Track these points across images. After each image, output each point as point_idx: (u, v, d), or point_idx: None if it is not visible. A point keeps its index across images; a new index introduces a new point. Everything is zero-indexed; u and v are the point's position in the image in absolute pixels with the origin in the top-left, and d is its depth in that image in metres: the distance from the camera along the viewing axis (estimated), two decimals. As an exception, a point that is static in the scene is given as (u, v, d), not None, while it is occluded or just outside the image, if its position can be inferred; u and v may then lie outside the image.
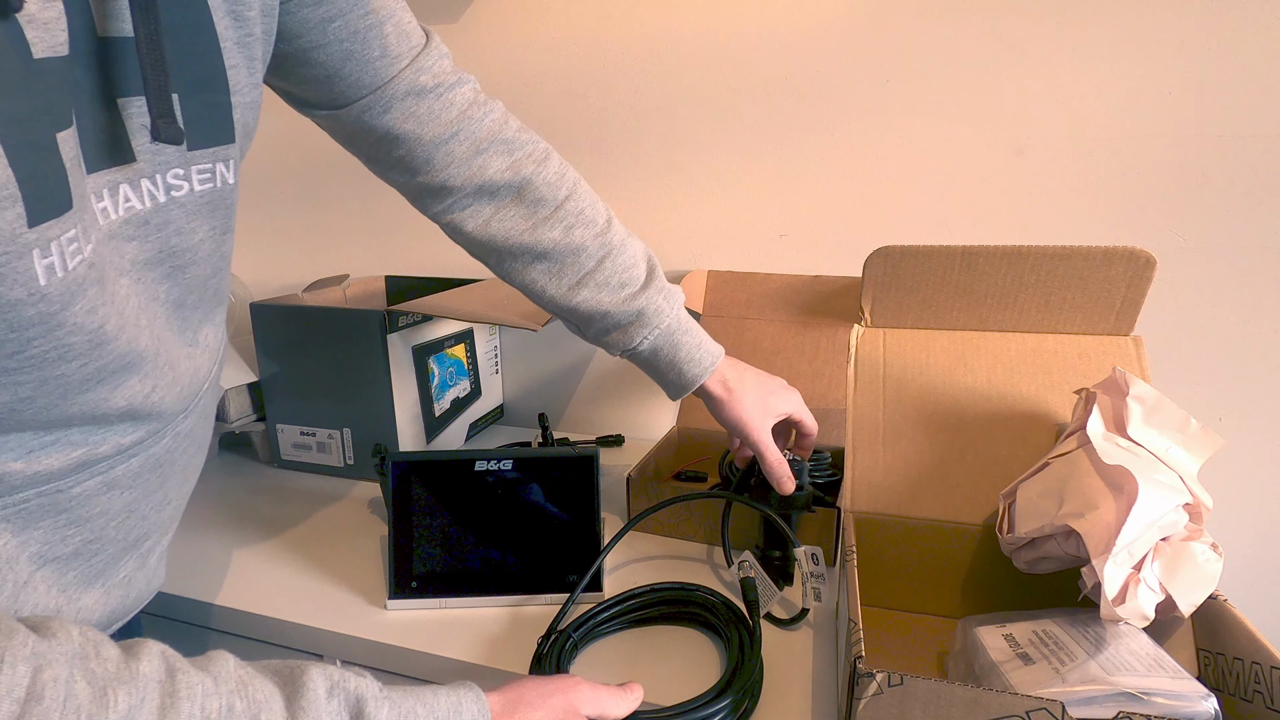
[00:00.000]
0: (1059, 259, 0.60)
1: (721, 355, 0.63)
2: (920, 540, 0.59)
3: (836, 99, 0.88)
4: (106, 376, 0.36)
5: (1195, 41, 0.75)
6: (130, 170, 0.35)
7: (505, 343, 1.12)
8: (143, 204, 0.36)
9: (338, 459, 0.89)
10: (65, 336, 0.32)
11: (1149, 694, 0.39)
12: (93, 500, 0.39)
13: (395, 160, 0.56)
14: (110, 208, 0.35)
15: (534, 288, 0.60)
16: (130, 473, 0.41)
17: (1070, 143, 0.82)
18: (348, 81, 0.51)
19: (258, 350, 0.88)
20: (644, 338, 0.60)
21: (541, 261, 0.59)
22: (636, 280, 0.60)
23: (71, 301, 0.32)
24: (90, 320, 0.33)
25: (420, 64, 0.53)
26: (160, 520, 0.47)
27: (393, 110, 0.53)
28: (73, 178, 0.31)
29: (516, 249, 0.58)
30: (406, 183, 0.58)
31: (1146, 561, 0.44)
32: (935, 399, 0.62)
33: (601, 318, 0.60)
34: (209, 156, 0.39)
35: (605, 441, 1.00)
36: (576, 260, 0.58)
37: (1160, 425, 0.51)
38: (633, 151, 0.97)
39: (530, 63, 0.98)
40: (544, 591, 0.62)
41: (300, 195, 1.15)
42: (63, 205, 0.30)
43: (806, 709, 0.50)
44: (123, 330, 0.36)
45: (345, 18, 0.48)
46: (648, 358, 0.62)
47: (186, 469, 0.48)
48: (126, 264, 0.37)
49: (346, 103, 0.52)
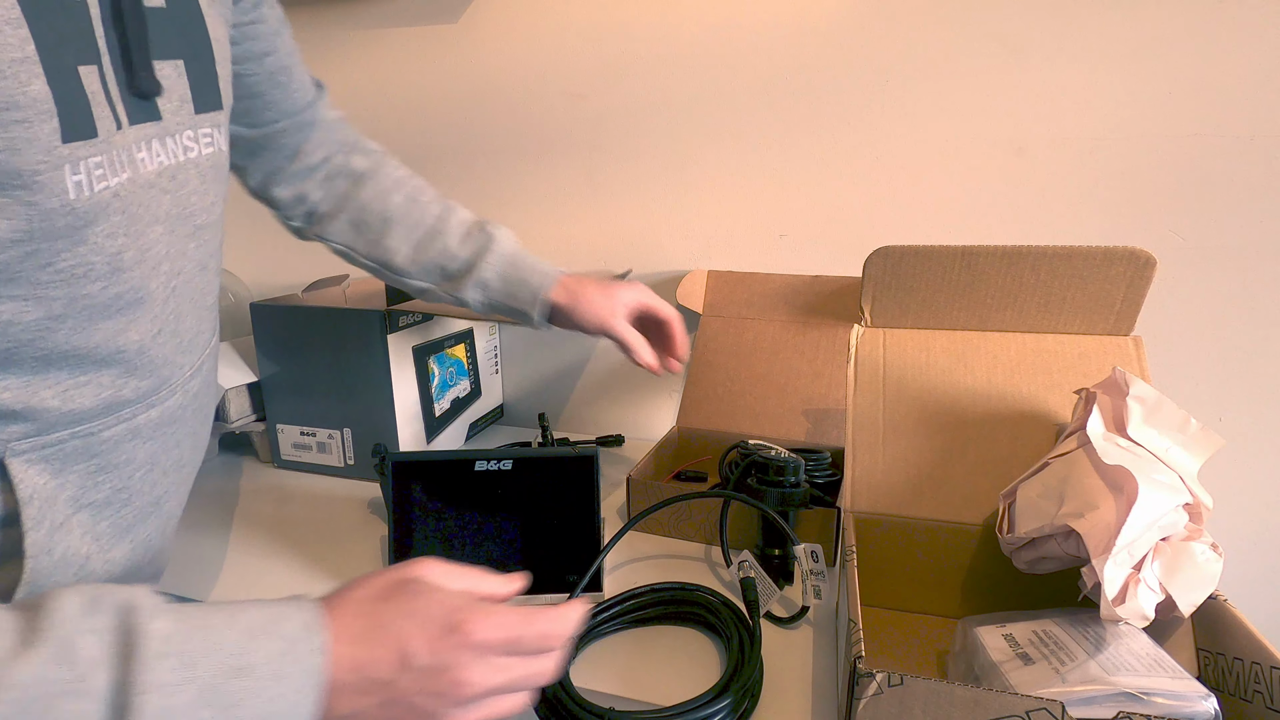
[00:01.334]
0: (1059, 259, 0.60)
1: (560, 270, 0.70)
2: (920, 540, 0.59)
3: (836, 99, 0.88)
4: (123, 307, 0.39)
5: (1195, 41, 0.75)
6: (158, 127, 0.40)
7: (505, 343, 1.12)
8: (170, 159, 0.41)
9: (338, 459, 0.89)
10: (88, 254, 0.36)
11: (1149, 694, 0.39)
12: (120, 447, 0.42)
13: (290, 174, 0.67)
14: (147, 158, 0.39)
15: (392, 254, 0.68)
16: (151, 422, 0.43)
17: (1070, 143, 0.82)
18: (270, 105, 0.61)
19: (258, 350, 0.88)
20: (489, 265, 0.67)
21: (393, 225, 0.67)
22: (471, 224, 0.69)
23: (94, 220, 0.35)
24: (110, 244, 0.37)
25: (322, 100, 0.66)
26: (177, 481, 0.49)
27: (301, 132, 0.65)
28: (96, 110, 0.34)
29: (371, 217, 0.68)
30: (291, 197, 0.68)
31: (1146, 561, 0.44)
32: (935, 399, 0.62)
33: (450, 259, 0.67)
34: (208, 121, 0.44)
35: (605, 441, 1.00)
36: (421, 216, 0.68)
37: (1160, 425, 0.51)
38: (633, 151, 0.97)
39: (530, 63, 0.98)
40: (544, 591, 0.62)
41: (300, 195, 1.15)
42: (88, 131, 0.34)
43: (806, 709, 0.50)
44: (139, 264, 0.39)
45: (276, 54, 0.59)
46: (499, 286, 0.67)
47: (196, 435, 0.50)
48: (162, 214, 0.41)
49: (265, 123, 0.61)
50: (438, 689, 0.33)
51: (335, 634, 0.33)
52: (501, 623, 0.35)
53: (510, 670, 0.35)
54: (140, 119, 0.38)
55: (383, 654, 0.33)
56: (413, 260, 0.67)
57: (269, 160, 0.65)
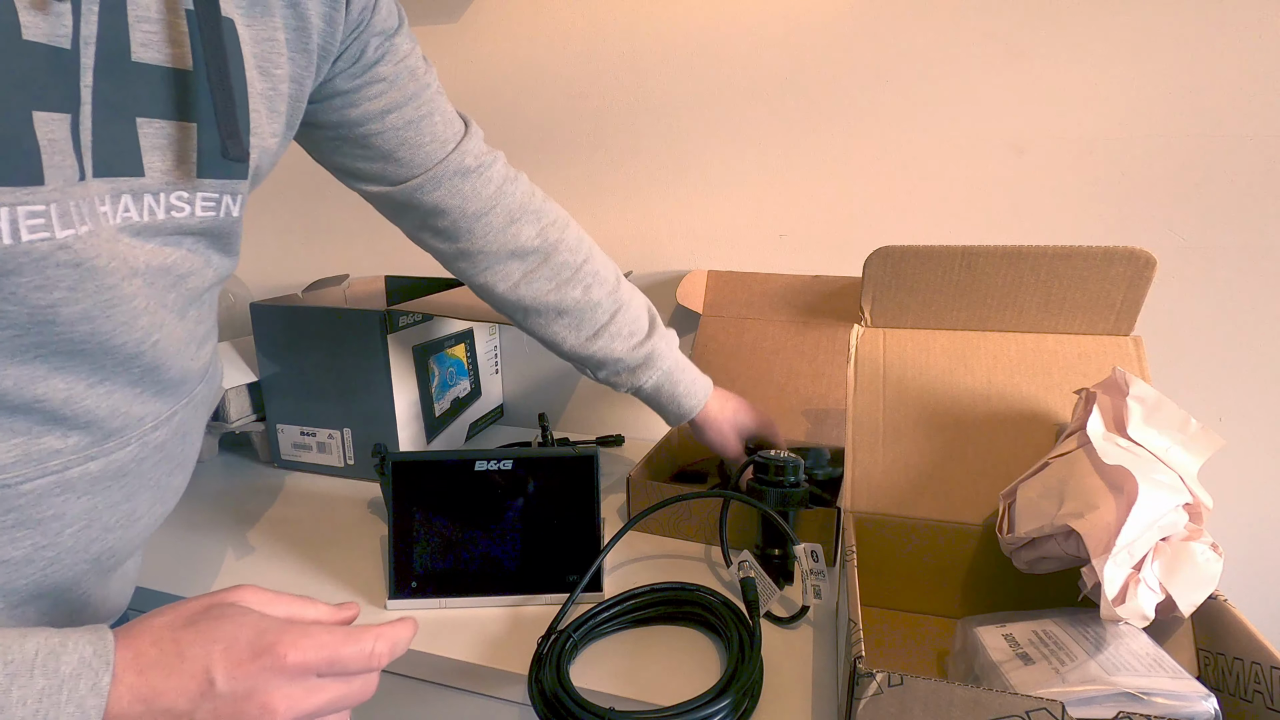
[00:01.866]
0: (1059, 259, 0.60)
1: (710, 388, 0.74)
2: (920, 540, 0.59)
3: (837, 99, 0.88)
4: (46, 355, 0.36)
5: (1195, 41, 0.75)
6: (135, 183, 0.37)
7: (505, 343, 1.12)
8: (140, 217, 0.38)
9: (338, 459, 0.89)
10: (1, 303, 0.33)
11: (1149, 694, 0.39)
12: (44, 501, 0.38)
13: (439, 230, 0.64)
14: (110, 213, 0.37)
15: (555, 339, 0.69)
16: (89, 477, 0.40)
17: (1070, 143, 0.82)
18: (402, 163, 0.59)
19: (258, 350, 0.88)
20: (648, 378, 0.70)
21: (564, 317, 0.68)
22: (642, 330, 0.70)
23: (17, 272, 0.32)
24: (39, 296, 0.34)
25: (464, 148, 0.61)
26: (127, 538, 0.44)
27: (441, 188, 0.61)
28: (49, 158, 0.32)
29: (542, 307, 0.67)
30: (446, 249, 0.65)
31: (1146, 561, 0.44)
32: (935, 399, 0.62)
33: (614, 363, 0.69)
34: (217, 187, 0.42)
35: (605, 441, 1.00)
36: (594, 315, 0.68)
37: (1160, 425, 0.51)
38: (633, 151, 0.97)
39: (530, 63, 0.98)
40: (544, 591, 0.62)
41: (300, 195, 1.15)
42: (30, 178, 0.31)
43: (806, 709, 0.50)
44: (104, 317, 0.36)
45: (401, 109, 0.56)
46: (650, 394, 0.72)
47: (161, 488, 0.46)
48: (140, 267, 0.39)
49: (400, 181, 0.60)
50: (243, 716, 0.31)
51: (125, 664, 0.31)
52: (319, 642, 0.33)
53: (326, 691, 0.34)
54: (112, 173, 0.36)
55: (179, 682, 0.31)
56: (575, 351, 0.69)
57: (414, 217, 0.63)
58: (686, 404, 0.72)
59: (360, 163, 0.59)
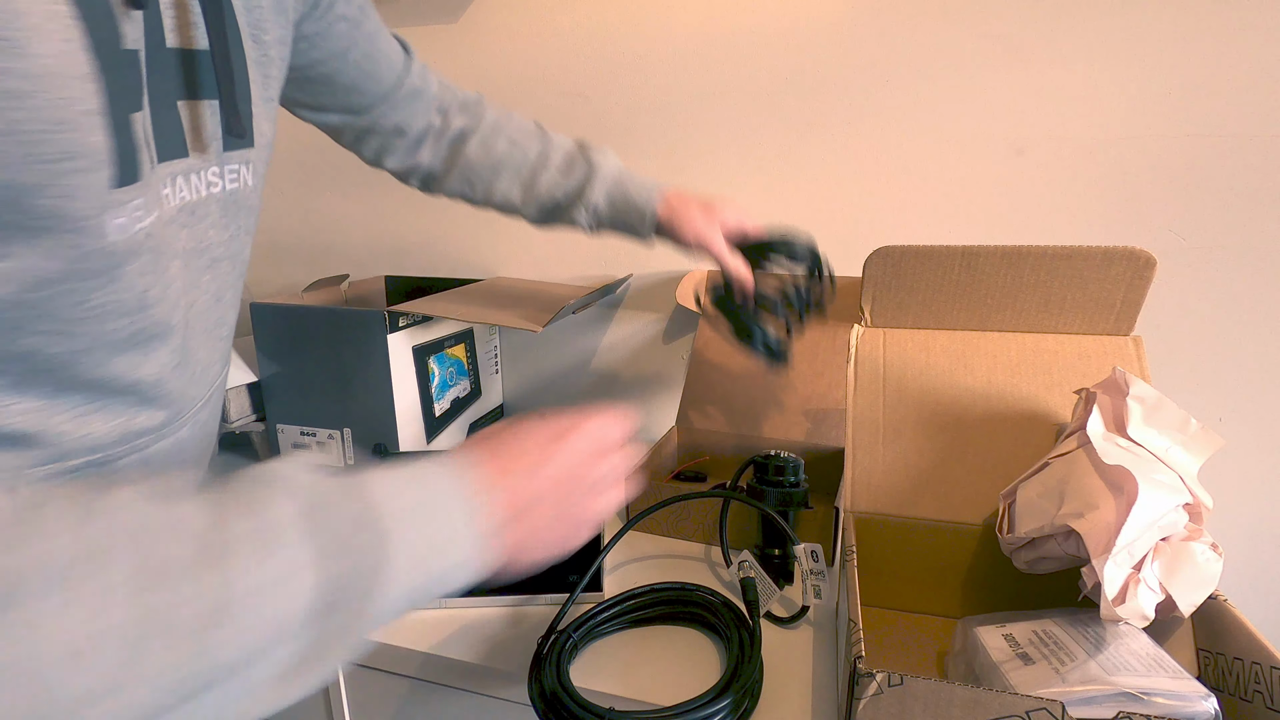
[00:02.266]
0: (1059, 259, 0.60)
1: (663, 186, 0.72)
2: (920, 540, 0.59)
3: (836, 99, 0.88)
4: (142, 341, 0.39)
5: (1195, 41, 0.75)
6: (182, 165, 0.41)
7: (505, 343, 1.12)
8: (192, 195, 0.42)
9: (338, 459, 0.89)
10: (119, 291, 0.36)
11: (1149, 694, 0.39)
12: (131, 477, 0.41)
13: (399, 148, 0.70)
14: (171, 194, 0.40)
15: (508, 199, 0.72)
16: (161, 453, 0.44)
17: (1070, 143, 0.82)
18: (365, 93, 0.63)
19: (258, 350, 0.88)
20: (599, 193, 0.70)
21: (502, 171, 0.71)
22: (573, 153, 0.72)
23: (128, 261, 0.36)
24: (140, 281, 0.38)
25: (411, 67, 0.67)
26: None
27: (400, 110, 0.66)
28: (140, 155, 0.36)
29: (481, 169, 0.71)
30: (404, 169, 0.71)
31: (1146, 561, 0.44)
32: (935, 399, 0.62)
33: (564, 195, 0.71)
34: (236, 159, 0.45)
35: (605, 441, 1.00)
36: (524, 157, 0.71)
37: (1160, 425, 0.51)
38: (633, 151, 0.97)
39: (530, 63, 0.98)
40: (544, 591, 0.62)
41: (300, 195, 1.15)
42: (133, 176, 0.35)
43: (806, 709, 0.50)
44: (163, 300, 0.40)
45: (360, 44, 0.60)
46: (608, 211, 0.71)
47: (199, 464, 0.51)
48: (179, 249, 0.42)
49: (364, 109, 0.65)
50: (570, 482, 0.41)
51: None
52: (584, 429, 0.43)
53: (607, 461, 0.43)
54: (167, 156, 0.39)
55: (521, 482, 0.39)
56: (525, 199, 0.72)
57: (377, 140, 0.69)
58: (641, 200, 0.70)
59: (324, 97, 0.62)
